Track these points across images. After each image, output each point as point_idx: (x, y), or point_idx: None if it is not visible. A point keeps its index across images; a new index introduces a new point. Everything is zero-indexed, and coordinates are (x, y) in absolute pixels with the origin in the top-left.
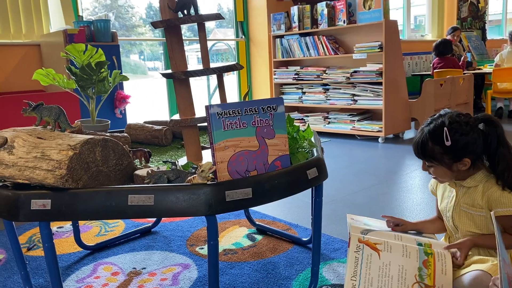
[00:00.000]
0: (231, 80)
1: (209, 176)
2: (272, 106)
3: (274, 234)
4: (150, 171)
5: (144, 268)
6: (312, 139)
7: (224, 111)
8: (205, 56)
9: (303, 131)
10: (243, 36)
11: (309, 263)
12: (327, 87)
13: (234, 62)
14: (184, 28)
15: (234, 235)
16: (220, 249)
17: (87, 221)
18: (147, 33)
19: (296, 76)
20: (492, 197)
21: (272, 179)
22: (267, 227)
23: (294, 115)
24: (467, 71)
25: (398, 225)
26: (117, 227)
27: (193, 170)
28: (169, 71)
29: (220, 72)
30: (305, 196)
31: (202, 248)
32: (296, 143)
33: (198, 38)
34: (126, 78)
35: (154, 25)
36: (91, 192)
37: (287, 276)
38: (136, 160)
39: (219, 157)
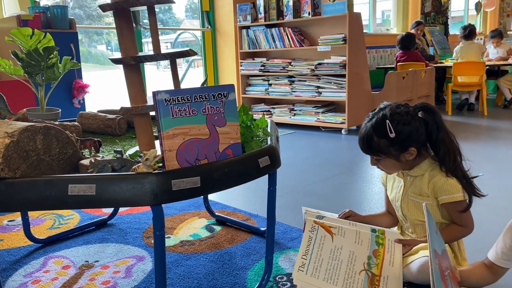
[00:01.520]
0: (198, 72)
1: (155, 165)
2: (223, 93)
3: (233, 224)
4: (93, 160)
5: (97, 261)
6: (268, 128)
7: (173, 98)
8: (156, 41)
9: (257, 120)
10: (209, 26)
11: None
12: (293, 79)
13: (187, 48)
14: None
15: (192, 226)
16: (177, 241)
17: (41, 214)
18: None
19: (263, 67)
20: (437, 185)
21: (222, 168)
22: (227, 218)
23: (261, 107)
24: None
25: (349, 216)
26: (72, 219)
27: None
28: (119, 56)
29: (171, 57)
30: (267, 186)
31: None
32: (251, 132)
33: (168, 28)
34: (77, 65)
35: (102, 8)
36: (28, 181)
37: (243, 266)
38: (86, 150)
39: (167, 145)
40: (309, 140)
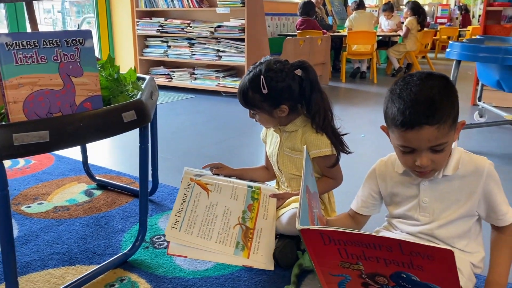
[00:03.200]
0: (92, 33)
1: None
2: (78, 40)
3: (115, 188)
4: None
5: None
6: (144, 84)
7: (16, 42)
8: None
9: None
10: None
11: None
12: (193, 41)
13: None
14: None
15: (70, 191)
16: (50, 207)
17: None
18: None
19: (160, 28)
20: (308, 140)
21: (77, 121)
22: (108, 182)
23: (160, 70)
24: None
25: (218, 168)
26: None
27: None
28: None
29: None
30: (155, 150)
31: (29, 207)
32: (119, 85)
33: None
34: None
35: None
36: None
37: (120, 228)
38: None
39: (11, 96)
40: (209, 104)
